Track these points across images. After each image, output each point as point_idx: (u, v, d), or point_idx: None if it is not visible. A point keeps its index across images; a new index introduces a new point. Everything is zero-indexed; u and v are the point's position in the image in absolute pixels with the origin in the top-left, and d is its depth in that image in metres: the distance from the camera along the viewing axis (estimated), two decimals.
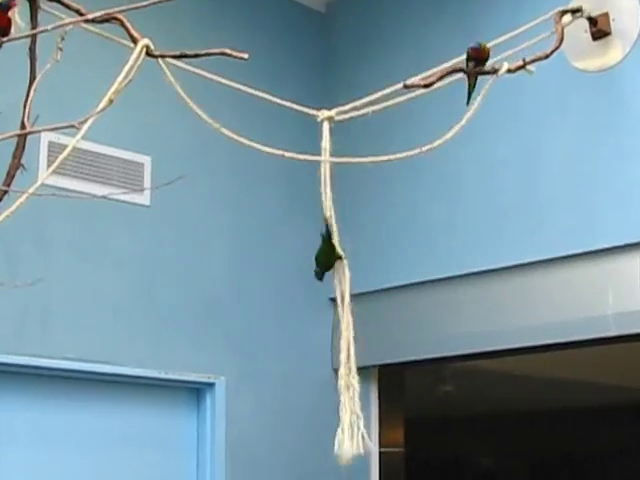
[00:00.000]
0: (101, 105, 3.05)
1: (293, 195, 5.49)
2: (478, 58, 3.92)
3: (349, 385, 3.83)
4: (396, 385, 5.73)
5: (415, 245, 5.34)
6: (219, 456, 5.05)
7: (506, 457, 10.24)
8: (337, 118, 3.92)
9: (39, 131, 3.29)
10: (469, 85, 4.02)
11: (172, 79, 3.39)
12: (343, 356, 3.89)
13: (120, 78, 3.10)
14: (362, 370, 5.52)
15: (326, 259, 3.81)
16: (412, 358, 5.42)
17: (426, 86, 3.77)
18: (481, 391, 7.82)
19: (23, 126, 3.07)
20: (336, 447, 3.74)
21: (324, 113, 3.85)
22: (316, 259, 3.85)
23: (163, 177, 4.99)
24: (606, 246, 4.57)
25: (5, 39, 2.88)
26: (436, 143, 3.84)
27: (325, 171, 3.81)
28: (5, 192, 3.24)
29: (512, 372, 6.74)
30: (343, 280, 3.85)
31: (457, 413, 9.09)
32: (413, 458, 5.80)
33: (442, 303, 5.23)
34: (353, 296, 5.38)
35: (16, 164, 3.35)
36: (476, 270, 5.03)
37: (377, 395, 5.59)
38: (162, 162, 5.06)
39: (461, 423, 9.52)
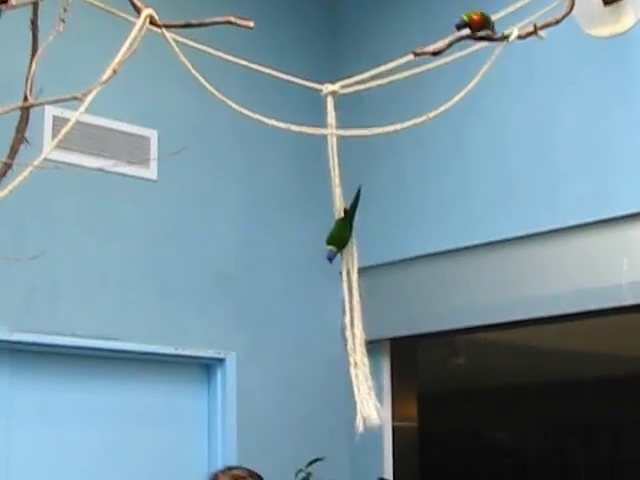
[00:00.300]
0: (105, 76, 2.97)
1: (301, 170, 5.44)
2: (474, 26, 3.82)
3: (358, 361, 3.79)
4: (408, 358, 5.67)
5: (427, 217, 5.28)
6: (230, 430, 5.03)
7: (520, 430, 10.18)
8: (341, 92, 3.88)
9: (42, 104, 3.22)
10: None
11: (177, 49, 3.31)
12: (349, 333, 3.83)
13: (124, 49, 3.02)
14: (374, 343, 5.53)
15: (342, 238, 3.79)
16: (424, 330, 5.36)
17: (435, 54, 3.69)
18: (494, 363, 7.77)
19: (26, 99, 3.01)
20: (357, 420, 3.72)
21: (328, 87, 3.81)
22: (330, 239, 3.80)
23: (170, 151, 4.98)
24: (621, 214, 4.50)
25: (4, 7, 2.80)
26: (442, 108, 3.78)
27: (332, 145, 3.78)
28: (9, 166, 3.20)
29: (526, 344, 6.68)
30: (352, 259, 3.79)
31: (469, 386, 9.04)
32: (425, 431, 5.73)
33: (454, 274, 5.15)
34: (364, 269, 5.33)
35: (20, 138, 3.32)
36: (489, 240, 4.97)
37: (389, 368, 5.52)
38: (169, 136, 5.00)
39: (473, 396, 9.46)
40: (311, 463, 5.00)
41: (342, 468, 5.32)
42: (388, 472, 5.38)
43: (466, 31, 3.78)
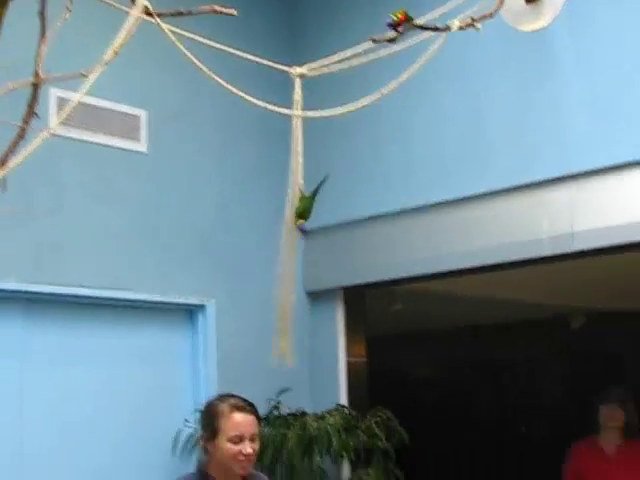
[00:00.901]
0: (107, 56, 2.88)
1: (269, 147, 5.33)
2: (400, 23, 3.75)
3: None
4: (358, 304, 5.59)
5: (374, 183, 5.19)
6: (211, 367, 4.96)
7: (448, 366, 10.21)
8: (309, 74, 3.84)
9: (51, 80, 3.09)
10: None
11: (173, 37, 3.19)
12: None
13: (122, 33, 2.92)
14: (330, 291, 5.49)
15: (309, 212, 3.82)
16: (371, 280, 5.29)
17: (390, 40, 3.60)
18: (428, 310, 7.75)
19: (37, 75, 2.89)
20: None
21: (297, 70, 3.79)
22: (301, 214, 3.83)
23: (157, 128, 4.88)
24: (541, 179, 4.46)
25: None
26: (390, 87, 3.72)
27: (297, 123, 3.76)
28: (21, 137, 3.09)
29: (455, 293, 6.64)
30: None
31: (407, 329, 9.05)
32: (372, 368, 5.68)
33: (397, 233, 5.09)
34: (322, 229, 5.33)
35: (30, 112, 3.19)
36: (427, 203, 4.90)
37: (343, 313, 5.47)
38: (156, 115, 4.91)
39: (411, 338, 9.47)
40: (280, 393, 4.96)
41: (305, 396, 5.27)
42: (343, 398, 5.34)
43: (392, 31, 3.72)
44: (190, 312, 5.04)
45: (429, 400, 10.19)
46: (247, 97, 3.47)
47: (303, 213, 3.81)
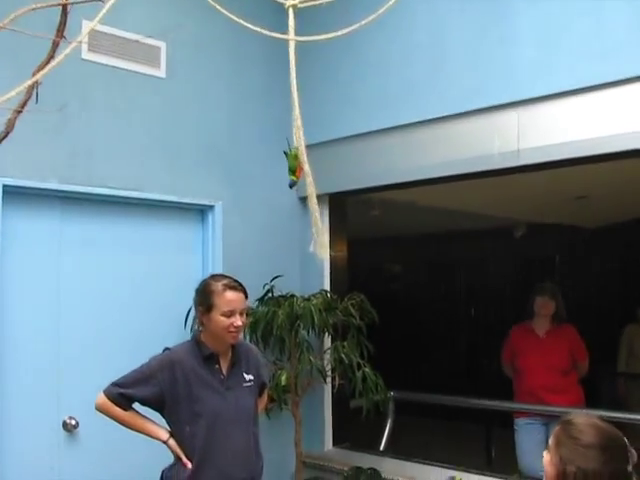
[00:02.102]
0: None
1: (272, 73, 5.02)
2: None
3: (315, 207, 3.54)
4: (341, 208, 5.37)
5: (355, 106, 4.91)
6: (218, 257, 4.75)
7: (411, 264, 10.07)
8: (300, 5, 3.54)
9: (74, 2, 2.83)
10: None
11: None
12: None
13: None
14: (318, 197, 5.24)
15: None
16: (352, 188, 5.05)
17: None
18: (396, 218, 7.56)
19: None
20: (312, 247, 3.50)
21: (289, 2, 3.49)
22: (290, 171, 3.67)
23: (175, 57, 4.60)
24: (493, 104, 4.19)
25: None
26: (371, 17, 3.40)
27: (291, 50, 3.46)
28: (51, 57, 2.84)
29: (419, 203, 6.44)
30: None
31: (379, 235, 8.89)
32: (351, 264, 5.50)
33: (374, 149, 4.82)
34: (312, 146, 5.03)
35: (60, 34, 2.94)
36: (397, 124, 4.65)
37: (329, 215, 5.25)
38: (174, 46, 4.60)
39: (382, 242, 9.32)
40: (273, 279, 4.77)
41: (295, 282, 5.07)
42: (326, 284, 5.16)
43: None
44: (201, 211, 4.80)
45: (395, 290, 10.07)
46: (252, 27, 3.16)
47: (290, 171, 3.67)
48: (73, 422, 4.07)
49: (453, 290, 9.78)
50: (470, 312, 9.50)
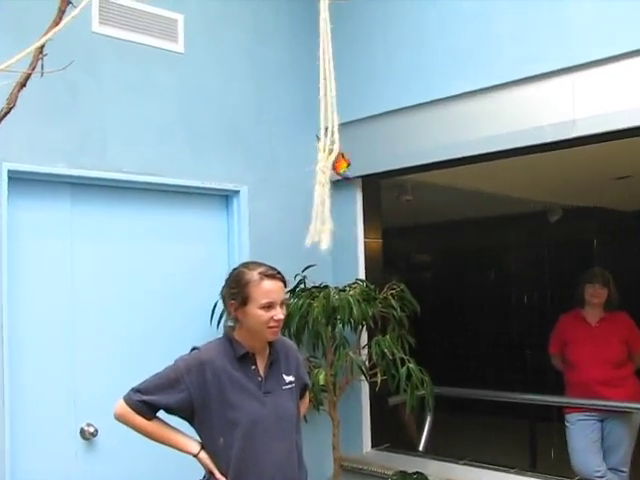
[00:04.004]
0: None
1: (297, 46, 4.64)
2: None
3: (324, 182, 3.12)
4: (375, 192, 4.97)
5: (390, 82, 4.49)
6: (244, 245, 4.37)
7: (444, 253, 9.64)
8: None
9: None
10: None
11: None
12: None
13: None
14: (351, 180, 4.85)
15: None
16: (387, 169, 4.61)
17: None
18: (428, 203, 7.17)
19: None
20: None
21: None
22: None
23: (193, 31, 4.24)
24: (545, 71, 3.78)
25: None
26: None
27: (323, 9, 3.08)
28: (57, 24, 2.59)
29: (455, 186, 6.02)
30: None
31: (413, 223, 8.50)
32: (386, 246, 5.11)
33: (412, 125, 4.40)
34: (344, 124, 4.66)
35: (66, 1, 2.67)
36: (439, 97, 4.23)
37: (362, 199, 4.84)
38: (192, 19, 4.21)
39: (416, 228, 8.92)
40: (306, 269, 4.36)
41: (327, 272, 4.68)
42: (361, 274, 4.75)
43: None
44: (225, 197, 4.42)
45: (428, 280, 9.64)
46: None
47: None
48: (92, 429, 3.71)
49: (488, 278, 9.35)
50: (511, 299, 9.04)
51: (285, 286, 2.76)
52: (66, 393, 3.68)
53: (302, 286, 4.33)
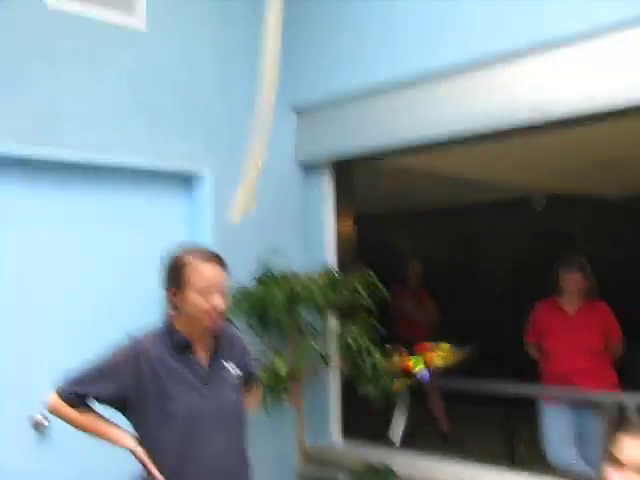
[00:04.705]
0: None
1: (258, 26, 4.41)
2: None
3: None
4: (346, 177, 4.81)
5: (358, 58, 4.31)
6: (207, 231, 4.21)
7: (424, 240, 9.47)
8: None
9: None
10: None
11: None
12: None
13: None
14: (320, 164, 4.71)
15: None
16: (358, 153, 4.46)
17: None
18: (404, 190, 7.01)
19: None
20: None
21: None
22: None
23: (156, 5, 4.06)
24: (514, 48, 3.63)
25: None
26: None
27: None
28: None
29: (432, 171, 5.87)
30: None
31: (388, 210, 8.33)
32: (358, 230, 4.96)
33: (383, 107, 4.26)
34: (316, 106, 4.55)
35: None
36: (410, 78, 4.07)
37: (333, 185, 4.71)
38: None
39: (391, 217, 8.75)
40: (270, 254, 4.20)
41: (297, 259, 4.53)
42: (330, 258, 4.62)
43: None
44: (188, 179, 4.25)
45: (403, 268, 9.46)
46: None
47: None
48: (44, 421, 3.55)
49: (471, 264, 9.20)
50: (489, 286, 8.88)
51: (226, 271, 2.58)
52: (18, 383, 3.52)
53: (268, 274, 4.16)
